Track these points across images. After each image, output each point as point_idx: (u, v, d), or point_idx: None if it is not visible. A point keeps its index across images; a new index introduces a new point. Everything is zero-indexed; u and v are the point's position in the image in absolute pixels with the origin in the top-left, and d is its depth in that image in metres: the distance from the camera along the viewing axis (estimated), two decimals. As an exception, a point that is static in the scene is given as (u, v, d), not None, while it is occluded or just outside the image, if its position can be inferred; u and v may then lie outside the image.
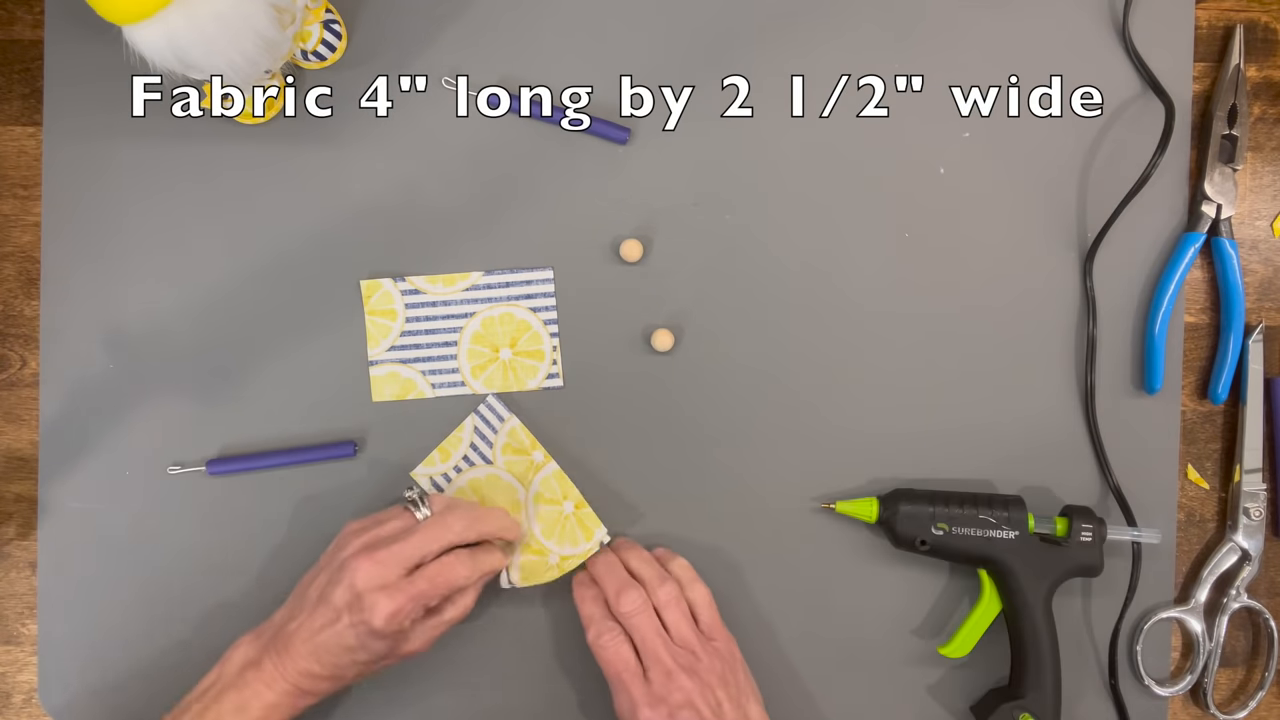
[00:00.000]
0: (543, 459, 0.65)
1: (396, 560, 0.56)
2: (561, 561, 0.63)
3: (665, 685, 0.57)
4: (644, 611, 0.59)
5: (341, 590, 0.55)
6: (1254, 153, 0.68)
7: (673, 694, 0.57)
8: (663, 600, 0.60)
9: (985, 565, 0.63)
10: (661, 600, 0.60)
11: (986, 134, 0.66)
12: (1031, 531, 0.62)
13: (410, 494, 0.58)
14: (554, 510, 0.64)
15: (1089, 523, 0.62)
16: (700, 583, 0.62)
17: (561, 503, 0.64)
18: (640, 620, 0.59)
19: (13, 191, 0.66)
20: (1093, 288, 0.66)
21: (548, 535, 0.64)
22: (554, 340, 0.65)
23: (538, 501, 0.64)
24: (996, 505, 0.62)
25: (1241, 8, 0.68)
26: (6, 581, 0.66)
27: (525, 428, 0.65)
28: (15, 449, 0.66)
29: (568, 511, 0.64)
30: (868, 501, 0.63)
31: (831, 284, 0.66)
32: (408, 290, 0.65)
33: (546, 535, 0.64)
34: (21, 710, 0.65)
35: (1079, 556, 0.62)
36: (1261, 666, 0.67)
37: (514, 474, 0.65)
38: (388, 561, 0.55)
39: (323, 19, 0.63)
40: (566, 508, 0.64)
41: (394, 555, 0.56)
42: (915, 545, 0.62)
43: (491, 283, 0.65)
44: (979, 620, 0.63)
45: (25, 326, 0.66)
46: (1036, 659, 0.61)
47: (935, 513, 0.62)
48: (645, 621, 0.59)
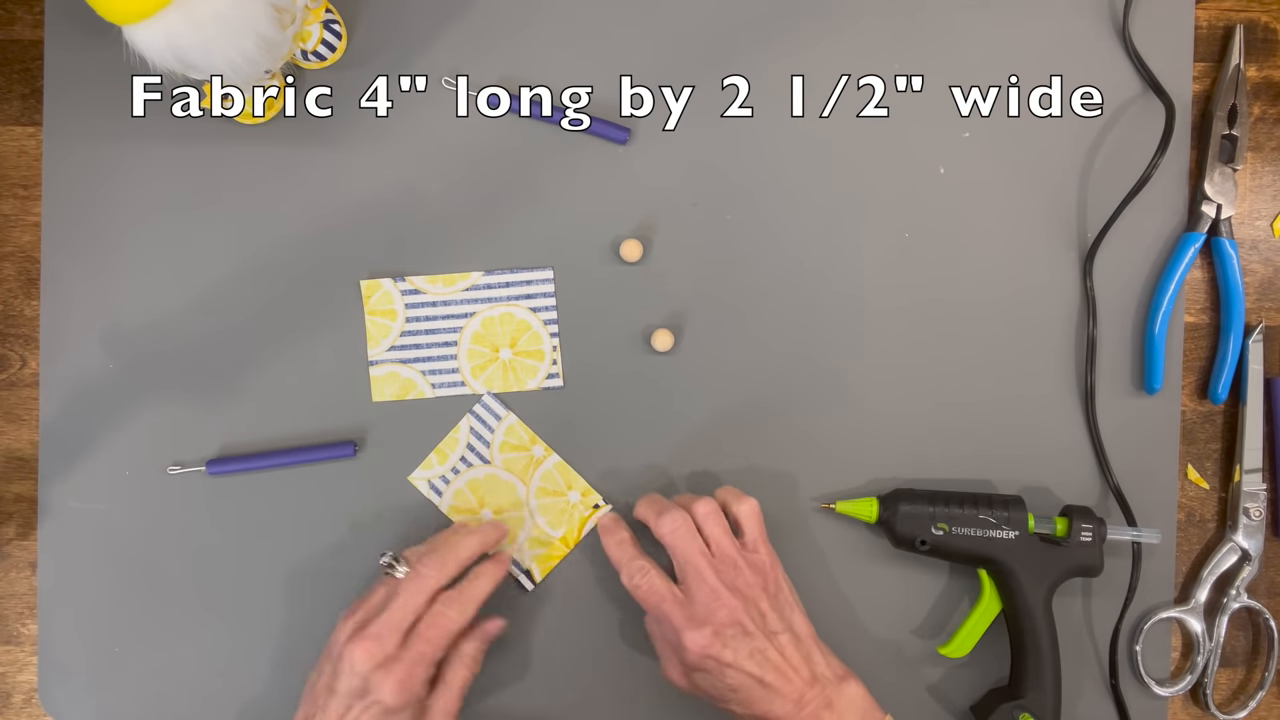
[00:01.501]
0: (543, 453, 0.65)
1: (389, 630, 0.56)
2: (565, 536, 0.64)
3: (708, 605, 0.56)
4: (684, 529, 0.58)
5: (345, 678, 0.55)
6: (1254, 153, 0.68)
7: (717, 613, 0.56)
8: (701, 515, 0.59)
9: (985, 565, 0.63)
10: (700, 515, 0.59)
11: (986, 134, 0.66)
12: (1031, 531, 0.62)
13: (385, 559, 0.58)
14: (558, 501, 0.64)
15: (1089, 523, 0.62)
16: (747, 497, 0.61)
17: (566, 493, 0.64)
18: (680, 538, 0.58)
19: (13, 191, 0.66)
20: (1093, 288, 0.66)
21: (554, 526, 0.64)
22: (554, 340, 0.65)
23: (540, 496, 0.64)
24: (996, 505, 0.62)
25: (1241, 8, 0.68)
26: (6, 581, 0.66)
27: (524, 423, 0.65)
28: (15, 449, 0.66)
29: (573, 501, 0.64)
30: (868, 501, 0.63)
31: (831, 284, 0.66)
32: (408, 290, 0.65)
33: (553, 526, 0.64)
34: (21, 710, 0.65)
35: (1079, 556, 0.62)
36: (1261, 666, 0.67)
37: (513, 471, 0.65)
38: (381, 635, 0.55)
39: (323, 19, 0.63)
40: (572, 497, 0.64)
41: (385, 626, 0.56)
42: (915, 545, 0.62)
43: (491, 283, 0.65)
44: (979, 620, 0.63)
45: (25, 326, 0.66)
46: (1036, 659, 0.61)
47: (935, 513, 0.62)
48: (686, 540, 0.58)
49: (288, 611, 0.64)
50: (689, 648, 0.56)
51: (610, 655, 0.65)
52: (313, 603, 0.64)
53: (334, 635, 0.58)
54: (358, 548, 0.65)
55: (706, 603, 0.57)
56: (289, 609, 0.64)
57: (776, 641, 0.57)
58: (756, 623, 0.57)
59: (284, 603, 0.64)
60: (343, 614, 0.59)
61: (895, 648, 0.65)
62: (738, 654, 0.56)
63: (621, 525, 0.63)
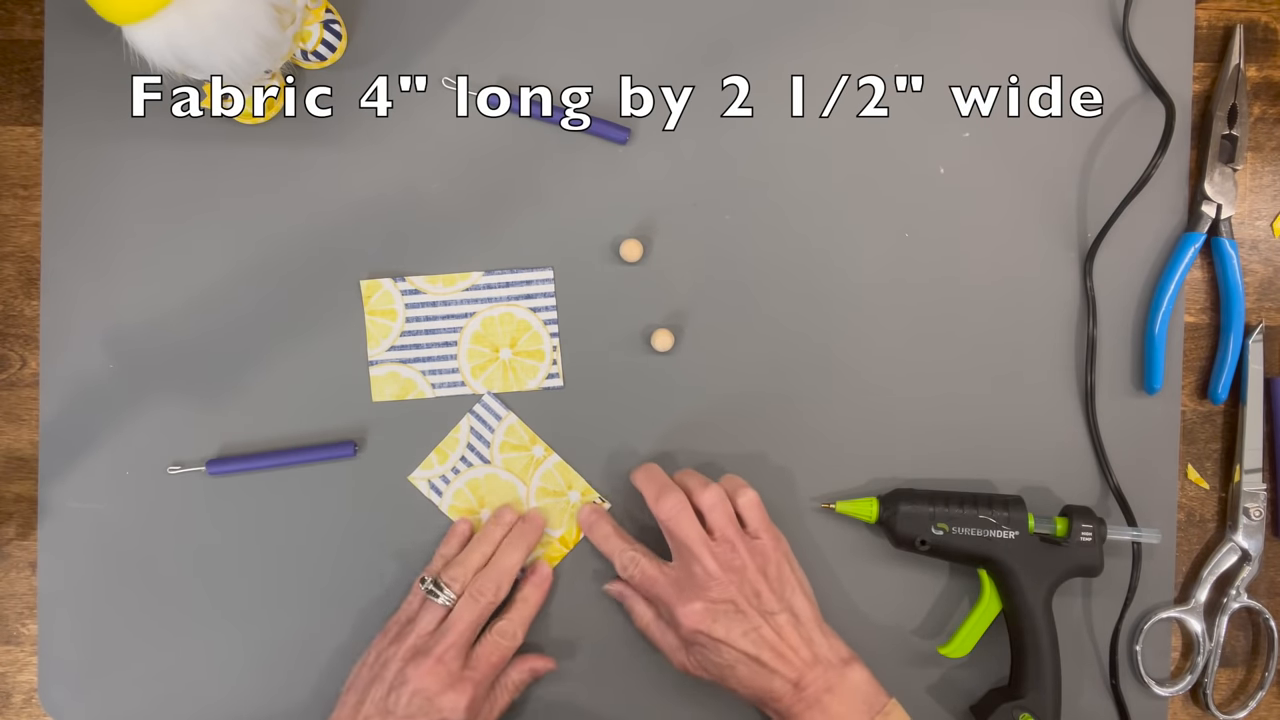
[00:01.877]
0: (543, 453, 0.65)
1: (454, 653, 0.57)
2: (565, 535, 0.64)
3: (704, 581, 0.57)
4: (683, 513, 0.58)
5: (407, 699, 0.56)
6: (1254, 153, 0.68)
7: (710, 589, 0.57)
8: (706, 504, 0.59)
9: (985, 565, 0.63)
10: (706, 504, 0.59)
11: (986, 134, 0.66)
12: (1031, 531, 0.62)
13: (426, 585, 0.60)
14: (559, 501, 0.64)
15: (1089, 523, 0.62)
16: (748, 487, 0.61)
17: (566, 493, 0.65)
18: (678, 522, 0.58)
19: (13, 191, 0.66)
20: (1093, 287, 0.66)
21: (554, 526, 0.64)
22: (554, 340, 0.65)
23: (540, 496, 0.64)
24: (996, 505, 0.62)
25: (1241, 8, 0.68)
26: (6, 581, 0.66)
27: (524, 423, 0.65)
28: (15, 449, 0.66)
29: (574, 501, 0.64)
30: (868, 501, 0.63)
31: (832, 284, 0.66)
32: (408, 290, 0.65)
33: (553, 526, 0.64)
34: (21, 710, 0.65)
35: (1079, 556, 0.62)
36: (1261, 666, 0.67)
37: (513, 471, 0.65)
38: (447, 658, 0.57)
39: (323, 19, 0.63)
40: (572, 497, 0.65)
41: (450, 649, 0.57)
42: (915, 545, 0.62)
43: (491, 283, 0.65)
44: (979, 620, 0.63)
45: (25, 326, 0.66)
46: (1036, 659, 0.61)
47: (935, 513, 0.62)
48: (684, 524, 0.58)
49: (288, 611, 0.64)
50: (681, 622, 0.57)
51: (612, 652, 0.65)
52: (313, 603, 0.64)
53: (376, 656, 0.59)
54: (358, 548, 0.65)
55: (701, 580, 0.57)
56: (289, 609, 0.64)
57: (773, 621, 0.57)
58: (751, 602, 0.57)
59: (284, 603, 0.64)
60: (376, 639, 0.60)
61: (895, 647, 0.65)
62: (730, 631, 0.56)
63: (604, 518, 0.63)
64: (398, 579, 0.64)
